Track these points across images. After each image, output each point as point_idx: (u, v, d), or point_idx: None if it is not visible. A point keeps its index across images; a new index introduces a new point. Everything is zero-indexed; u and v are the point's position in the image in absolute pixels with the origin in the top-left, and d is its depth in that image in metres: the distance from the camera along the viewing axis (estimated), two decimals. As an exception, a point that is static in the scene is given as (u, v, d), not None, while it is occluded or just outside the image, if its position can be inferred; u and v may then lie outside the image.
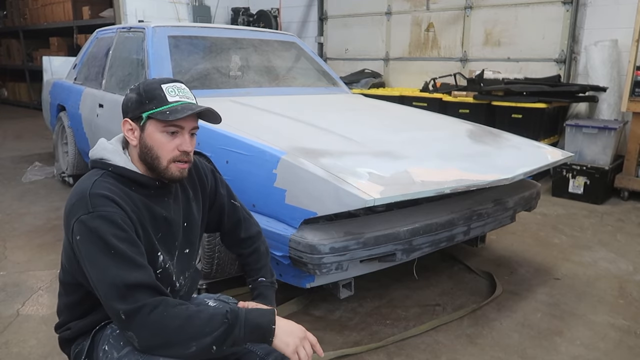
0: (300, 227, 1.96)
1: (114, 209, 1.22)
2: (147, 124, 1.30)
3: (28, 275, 2.75)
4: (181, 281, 1.46)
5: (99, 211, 1.20)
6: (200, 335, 1.16)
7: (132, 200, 1.29)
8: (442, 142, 2.58)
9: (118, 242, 1.18)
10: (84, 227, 1.19)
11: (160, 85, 1.31)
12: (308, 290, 2.24)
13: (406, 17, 6.46)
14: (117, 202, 1.23)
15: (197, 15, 7.46)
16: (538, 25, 5.37)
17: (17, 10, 9.93)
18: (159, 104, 1.29)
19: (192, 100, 1.33)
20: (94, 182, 1.26)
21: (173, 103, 1.29)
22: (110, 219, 1.20)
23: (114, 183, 1.28)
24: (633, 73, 4.15)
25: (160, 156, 1.31)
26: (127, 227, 1.22)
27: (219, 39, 3.54)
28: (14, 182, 4.62)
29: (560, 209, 4.09)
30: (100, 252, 1.18)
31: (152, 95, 1.29)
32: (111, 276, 1.16)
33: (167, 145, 1.30)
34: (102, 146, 1.35)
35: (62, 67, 5.33)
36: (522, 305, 2.50)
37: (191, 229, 1.49)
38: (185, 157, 1.33)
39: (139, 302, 1.15)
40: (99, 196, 1.22)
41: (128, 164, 1.33)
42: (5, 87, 11.19)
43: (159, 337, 1.16)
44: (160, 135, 1.30)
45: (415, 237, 2.11)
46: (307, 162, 1.99)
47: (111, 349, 1.28)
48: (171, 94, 1.30)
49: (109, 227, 1.19)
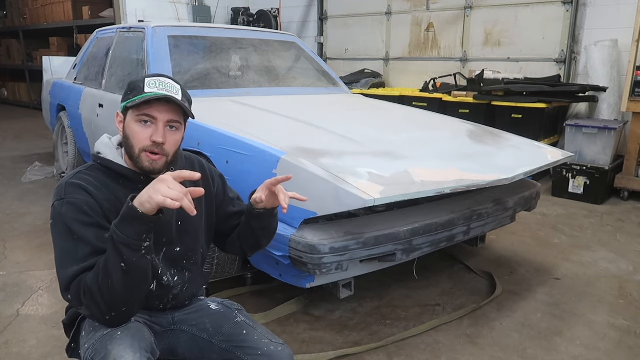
0: (300, 227, 1.96)
1: (83, 196, 1.29)
2: (127, 114, 1.36)
3: (28, 275, 2.75)
4: (168, 277, 1.46)
5: (68, 198, 1.28)
6: (117, 273, 1.18)
7: (113, 192, 1.34)
8: (442, 142, 2.58)
9: (81, 227, 1.26)
10: (54, 212, 1.30)
11: (144, 79, 1.35)
12: (308, 290, 2.24)
13: (406, 17, 6.46)
14: (87, 190, 1.30)
15: (197, 15, 7.46)
16: (538, 25, 5.37)
17: (17, 10, 9.92)
18: (137, 94, 1.33)
19: (169, 93, 1.33)
20: (76, 174, 1.35)
21: (148, 93, 1.32)
22: (76, 204, 1.27)
23: (97, 175, 1.35)
24: (633, 73, 4.15)
25: (133, 145, 1.34)
26: (92, 212, 1.28)
27: (219, 39, 3.54)
28: (14, 182, 4.62)
29: (560, 209, 4.09)
30: (63, 236, 1.27)
31: (134, 87, 1.35)
32: (62, 263, 1.25)
33: (139, 135, 1.34)
34: (101, 140, 1.42)
35: (62, 67, 5.33)
36: (522, 305, 2.50)
37: (187, 229, 1.49)
38: (156, 148, 1.34)
39: (75, 290, 1.23)
40: (72, 185, 1.31)
41: (116, 158, 1.38)
42: (5, 87, 11.19)
43: (98, 296, 1.20)
44: (135, 124, 1.34)
45: (415, 237, 2.11)
46: (307, 162, 2.00)
47: (85, 335, 1.35)
48: (150, 86, 1.33)
49: (74, 213, 1.27)
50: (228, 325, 1.48)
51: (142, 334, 1.29)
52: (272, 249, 2.02)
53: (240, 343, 1.43)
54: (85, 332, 1.35)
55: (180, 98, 1.35)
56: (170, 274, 1.47)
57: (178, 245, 1.47)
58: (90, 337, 1.30)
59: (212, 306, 1.55)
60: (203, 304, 1.55)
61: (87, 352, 1.27)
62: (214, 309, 1.54)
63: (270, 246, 2.03)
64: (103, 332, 1.26)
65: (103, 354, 1.21)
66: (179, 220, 1.47)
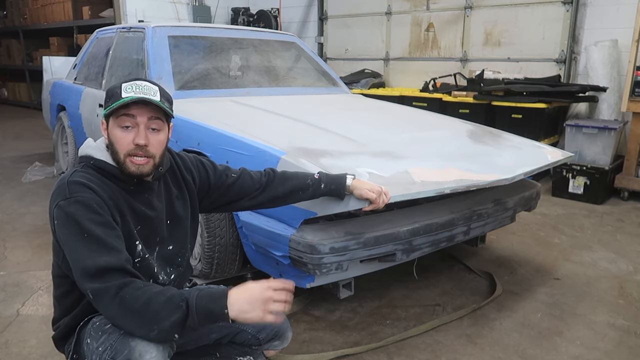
0: (300, 227, 1.96)
1: (90, 194, 1.28)
2: (109, 121, 1.36)
3: (28, 275, 2.75)
4: (164, 276, 1.48)
5: (76, 196, 1.26)
6: (158, 319, 1.19)
7: (111, 190, 1.35)
8: (442, 142, 2.58)
9: (93, 226, 1.24)
10: (61, 212, 1.26)
11: (121, 85, 1.35)
12: (308, 290, 2.24)
13: (406, 17, 6.46)
14: (93, 189, 1.29)
15: (197, 15, 7.46)
16: (538, 26, 5.37)
17: (17, 10, 9.92)
18: (115, 100, 1.33)
19: (146, 95, 1.33)
20: (74, 172, 1.34)
21: (125, 98, 1.32)
22: (86, 203, 1.26)
23: (94, 174, 1.35)
24: (633, 73, 4.15)
25: (118, 151, 1.35)
26: (102, 211, 1.28)
27: (219, 39, 3.54)
28: (14, 182, 4.62)
29: (560, 209, 4.09)
30: (76, 235, 1.24)
31: (112, 94, 1.35)
32: (83, 258, 1.22)
33: (122, 140, 1.34)
34: (87, 144, 1.43)
35: (62, 67, 5.33)
36: (522, 305, 2.50)
37: (176, 227, 1.50)
38: (140, 151, 1.34)
39: (107, 283, 1.19)
40: (76, 183, 1.29)
41: (108, 159, 1.39)
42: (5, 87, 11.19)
43: (124, 318, 1.20)
44: (117, 130, 1.35)
45: (415, 237, 2.11)
46: (307, 162, 1.99)
47: (92, 341, 1.33)
48: (127, 91, 1.33)
49: (85, 212, 1.25)
50: None
51: None
52: (272, 249, 2.03)
53: None
54: (91, 338, 1.33)
55: (158, 99, 1.35)
56: (165, 273, 1.48)
57: (170, 244, 1.49)
58: (104, 339, 1.29)
59: None
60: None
61: (104, 354, 1.26)
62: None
63: (270, 246, 2.04)
64: (120, 331, 1.26)
65: (127, 351, 1.22)
66: (168, 219, 1.48)
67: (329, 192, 1.75)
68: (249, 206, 1.74)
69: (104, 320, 1.33)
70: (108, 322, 1.31)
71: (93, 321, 1.36)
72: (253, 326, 1.50)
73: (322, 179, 1.74)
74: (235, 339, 1.54)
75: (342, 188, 1.74)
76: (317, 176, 1.74)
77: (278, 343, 1.60)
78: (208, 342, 1.54)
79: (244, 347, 1.57)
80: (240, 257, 2.42)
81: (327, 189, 1.74)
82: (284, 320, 1.58)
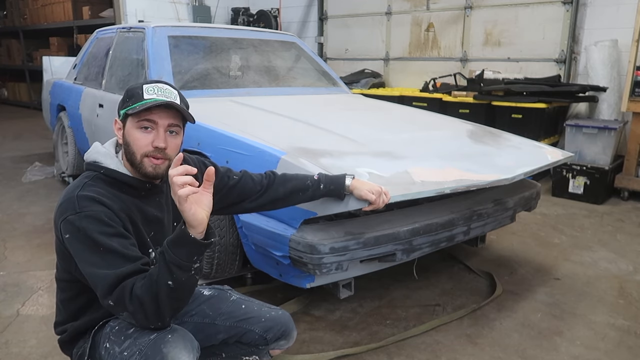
0: (300, 227, 1.96)
1: (100, 208, 1.27)
2: (126, 121, 1.36)
3: (28, 275, 2.75)
4: None
5: (86, 211, 1.26)
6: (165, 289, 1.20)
7: (123, 202, 1.34)
8: (442, 142, 2.58)
9: (105, 239, 1.24)
10: (71, 227, 1.25)
11: (142, 85, 1.35)
12: (308, 290, 2.24)
13: (406, 17, 6.46)
14: (103, 203, 1.28)
15: (197, 15, 7.46)
16: (538, 25, 5.37)
17: (17, 10, 9.92)
18: (136, 101, 1.33)
19: (168, 99, 1.34)
20: (83, 185, 1.32)
21: (147, 100, 1.32)
22: (96, 217, 1.25)
23: (104, 186, 1.34)
24: (633, 73, 4.15)
25: (134, 151, 1.35)
26: (114, 223, 1.27)
27: (219, 39, 3.54)
28: (14, 182, 4.62)
29: (560, 209, 4.09)
30: (90, 250, 1.24)
31: (132, 94, 1.35)
32: (102, 272, 1.22)
33: (141, 141, 1.34)
34: (96, 149, 1.41)
35: (62, 67, 5.33)
36: (522, 305, 2.50)
37: None
38: (158, 153, 1.35)
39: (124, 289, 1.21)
40: (85, 198, 1.28)
41: (119, 167, 1.38)
42: (5, 87, 11.19)
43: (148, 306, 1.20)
44: (136, 131, 1.34)
45: (415, 237, 2.11)
46: (307, 162, 2.00)
47: (112, 345, 1.31)
48: (149, 92, 1.34)
49: (96, 226, 1.25)
50: (225, 305, 1.55)
51: (188, 334, 1.32)
52: (272, 249, 2.03)
53: (242, 316, 1.52)
54: (110, 343, 1.32)
55: (178, 103, 1.36)
56: None
57: None
58: (128, 344, 1.28)
59: (205, 292, 1.60)
60: (196, 293, 1.59)
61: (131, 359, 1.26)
62: (208, 294, 1.59)
63: (270, 246, 2.04)
64: (150, 337, 1.26)
65: (159, 357, 1.22)
66: (174, 221, 1.49)
67: (328, 193, 1.76)
68: (250, 208, 1.74)
69: (124, 324, 1.32)
70: (130, 327, 1.31)
71: (111, 325, 1.35)
72: (260, 326, 1.51)
73: (321, 180, 1.75)
74: (242, 339, 1.54)
75: (341, 188, 1.75)
76: (317, 177, 1.75)
77: (284, 342, 1.60)
78: (215, 342, 1.54)
79: (250, 347, 1.57)
80: (240, 257, 2.42)
81: (326, 190, 1.75)
82: (289, 319, 1.59)
